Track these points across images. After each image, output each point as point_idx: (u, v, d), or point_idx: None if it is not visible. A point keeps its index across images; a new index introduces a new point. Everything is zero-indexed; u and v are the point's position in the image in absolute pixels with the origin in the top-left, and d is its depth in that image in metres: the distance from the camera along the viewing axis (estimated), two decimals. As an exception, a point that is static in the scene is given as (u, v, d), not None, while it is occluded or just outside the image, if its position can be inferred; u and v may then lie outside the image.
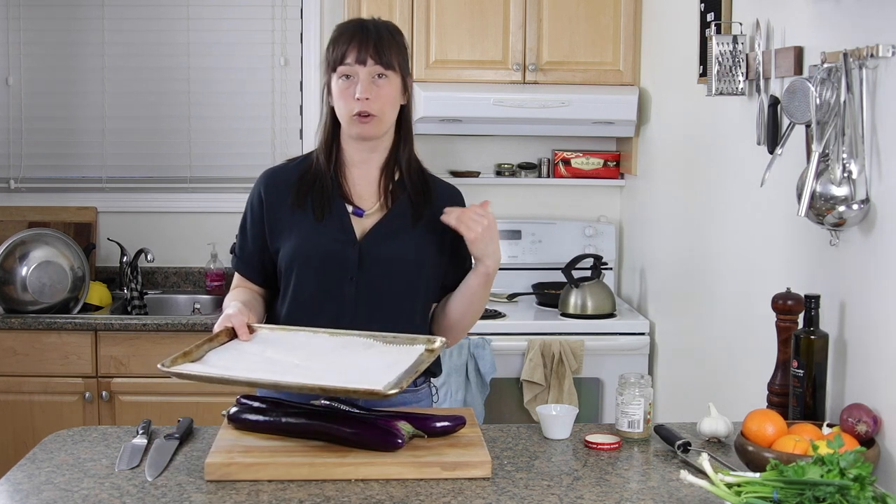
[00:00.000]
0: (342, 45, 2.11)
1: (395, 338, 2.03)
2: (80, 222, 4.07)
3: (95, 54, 4.08)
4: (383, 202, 2.18)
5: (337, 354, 1.97)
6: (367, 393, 1.80)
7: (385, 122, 2.13)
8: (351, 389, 1.82)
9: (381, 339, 2.03)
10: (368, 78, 2.09)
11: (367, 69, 2.09)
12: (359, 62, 2.09)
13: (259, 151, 4.13)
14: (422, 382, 2.27)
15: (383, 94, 2.10)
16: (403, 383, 1.82)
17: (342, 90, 2.11)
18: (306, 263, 2.15)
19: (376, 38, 2.10)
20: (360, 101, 2.08)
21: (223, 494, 1.74)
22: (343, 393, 1.87)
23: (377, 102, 2.09)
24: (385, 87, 2.11)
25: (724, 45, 2.59)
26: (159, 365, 1.87)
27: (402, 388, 1.80)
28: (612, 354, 3.56)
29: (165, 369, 1.87)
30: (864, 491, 1.51)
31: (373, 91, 2.09)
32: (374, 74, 2.10)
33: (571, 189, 4.19)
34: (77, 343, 3.53)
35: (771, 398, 2.16)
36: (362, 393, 1.81)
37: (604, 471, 1.88)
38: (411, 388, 2.22)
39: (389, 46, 2.11)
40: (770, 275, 2.46)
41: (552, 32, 3.78)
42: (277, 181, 2.21)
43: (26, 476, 1.83)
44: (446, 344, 2.05)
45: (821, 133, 2.04)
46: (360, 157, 2.19)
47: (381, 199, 2.18)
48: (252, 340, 2.04)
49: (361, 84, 2.08)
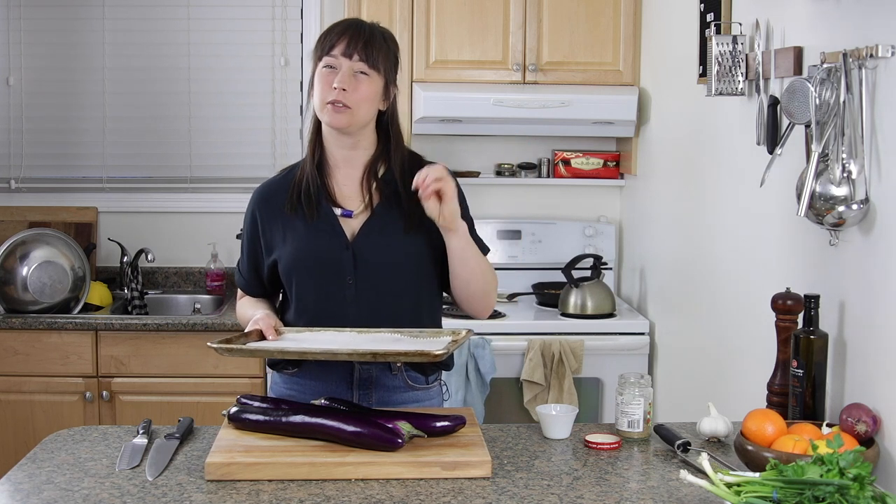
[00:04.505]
0: (333, 36, 2.14)
1: (421, 332, 2.08)
2: (80, 222, 4.07)
3: (95, 54, 4.09)
4: (368, 202, 2.19)
5: (369, 344, 2.02)
6: (418, 354, 1.92)
7: (357, 116, 2.13)
8: (402, 352, 1.95)
9: (408, 333, 2.09)
10: (350, 71, 2.12)
11: (350, 63, 2.12)
12: (345, 55, 2.12)
13: (259, 151, 4.14)
14: (433, 379, 2.29)
15: (361, 90, 2.12)
16: (452, 349, 1.94)
17: (323, 77, 2.13)
18: (304, 271, 2.18)
19: (368, 37, 2.13)
20: (337, 90, 2.10)
21: (223, 494, 1.74)
22: (394, 357, 1.98)
23: (353, 95, 2.11)
24: (364, 83, 2.12)
25: (724, 46, 2.59)
26: (209, 343, 1.99)
27: (449, 351, 1.91)
28: (612, 354, 3.56)
29: (215, 346, 1.99)
30: (864, 490, 1.51)
31: (351, 84, 2.11)
32: (356, 70, 2.12)
33: (571, 189, 4.19)
34: (77, 343, 3.54)
35: (771, 398, 2.16)
36: (413, 354, 1.93)
37: (604, 470, 1.88)
38: (423, 385, 2.26)
39: (379, 48, 2.14)
40: (770, 275, 2.46)
41: (552, 32, 3.78)
42: (268, 195, 2.25)
43: (27, 476, 1.83)
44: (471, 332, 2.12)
45: (820, 133, 2.04)
46: (342, 155, 2.20)
47: (365, 199, 2.19)
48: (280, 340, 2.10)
49: (341, 74, 2.11)
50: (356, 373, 2.19)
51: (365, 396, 2.20)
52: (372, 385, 2.20)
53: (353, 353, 1.95)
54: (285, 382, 2.27)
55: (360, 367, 2.19)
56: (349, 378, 2.20)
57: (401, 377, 2.22)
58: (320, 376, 2.20)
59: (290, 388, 2.25)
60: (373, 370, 2.20)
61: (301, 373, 2.23)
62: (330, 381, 2.20)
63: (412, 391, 2.24)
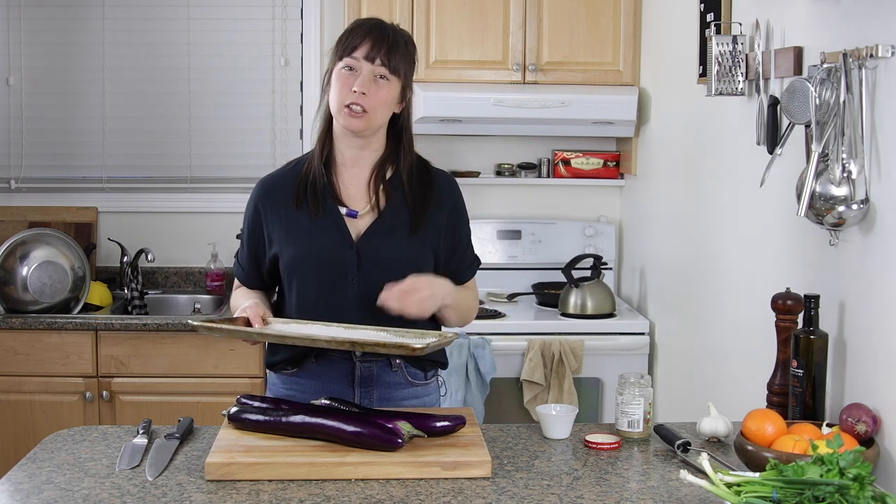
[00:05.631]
0: (357, 37, 2.13)
1: (407, 332, 2.06)
2: (80, 222, 4.07)
3: (95, 54, 4.08)
4: (374, 203, 2.19)
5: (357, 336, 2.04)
6: (397, 346, 1.92)
7: (374, 121, 2.14)
8: (382, 342, 1.95)
9: (394, 332, 2.08)
10: (370, 75, 2.11)
11: (372, 67, 2.11)
12: (367, 58, 2.11)
13: (259, 151, 4.14)
14: (431, 375, 2.29)
15: (380, 95, 2.12)
16: (432, 345, 1.93)
17: (343, 79, 2.13)
18: (307, 269, 2.17)
19: (392, 42, 2.13)
20: (356, 93, 2.10)
21: (223, 494, 1.74)
22: (373, 346, 1.97)
23: (372, 100, 2.11)
24: (384, 88, 2.12)
25: (724, 46, 2.59)
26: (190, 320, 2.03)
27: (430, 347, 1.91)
28: (612, 354, 3.56)
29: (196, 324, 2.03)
30: (864, 490, 1.51)
31: (371, 88, 2.11)
32: (376, 74, 2.12)
33: (571, 189, 4.19)
34: (77, 343, 3.54)
35: (771, 398, 2.16)
36: (392, 346, 1.93)
37: (604, 470, 1.88)
38: (422, 381, 2.27)
39: (401, 54, 2.14)
40: (770, 275, 2.46)
41: (552, 32, 3.78)
42: (272, 189, 2.24)
43: (27, 476, 1.83)
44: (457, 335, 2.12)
45: (820, 133, 2.04)
46: (351, 154, 2.20)
47: (371, 199, 2.19)
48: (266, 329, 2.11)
49: (362, 78, 2.10)
50: (357, 370, 2.19)
51: (366, 394, 2.20)
52: (373, 382, 2.20)
53: (332, 341, 1.97)
54: (284, 383, 2.26)
55: (360, 365, 2.19)
56: (350, 376, 2.20)
57: (401, 373, 2.22)
58: (321, 375, 2.20)
59: (289, 388, 2.25)
60: (374, 367, 2.20)
61: (301, 373, 2.23)
62: (331, 379, 2.20)
63: (412, 387, 2.25)
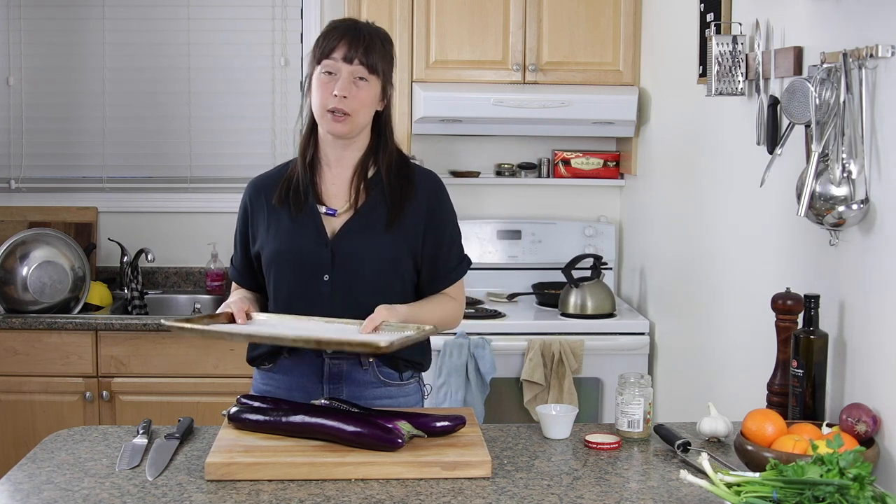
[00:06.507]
0: (332, 40, 2.15)
1: (387, 325, 2.05)
2: (80, 222, 4.07)
3: (95, 54, 4.08)
4: (353, 201, 2.20)
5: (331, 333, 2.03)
6: (362, 345, 1.91)
7: (357, 122, 2.16)
8: (346, 341, 1.94)
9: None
10: (350, 77, 2.13)
11: (350, 68, 2.13)
12: (345, 60, 2.13)
13: (259, 151, 4.13)
14: (409, 377, 2.28)
15: (361, 96, 2.14)
16: (398, 342, 1.90)
17: (322, 83, 2.14)
18: (283, 264, 2.20)
19: (368, 42, 2.14)
20: (338, 97, 2.11)
21: (223, 494, 1.74)
22: (338, 345, 1.98)
23: (354, 102, 2.13)
24: (364, 89, 2.14)
25: (724, 46, 2.59)
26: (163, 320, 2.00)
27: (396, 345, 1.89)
28: (612, 354, 3.56)
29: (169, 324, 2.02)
30: (864, 490, 1.51)
31: (351, 91, 2.12)
32: (356, 76, 2.14)
33: (571, 189, 4.19)
34: (77, 343, 3.54)
35: (771, 398, 2.16)
36: (356, 344, 1.92)
37: (603, 470, 1.88)
38: (396, 382, 2.25)
39: (378, 52, 2.15)
40: (770, 275, 2.46)
41: (552, 32, 3.78)
42: (260, 189, 2.28)
43: (27, 476, 1.83)
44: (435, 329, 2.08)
45: (820, 133, 2.04)
46: (335, 154, 2.22)
47: (350, 198, 2.20)
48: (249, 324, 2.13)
49: (342, 82, 2.12)
50: (326, 367, 2.20)
51: (335, 391, 2.20)
52: (342, 379, 2.20)
53: (298, 340, 1.97)
54: (262, 378, 2.28)
55: (329, 362, 2.20)
56: (319, 372, 2.20)
57: (371, 372, 2.21)
58: (292, 371, 2.22)
59: (266, 383, 2.27)
60: (343, 364, 2.20)
61: (275, 368, 2.25)
62: (301, 375, 2.21)
63: (385, 387, 2.23)
